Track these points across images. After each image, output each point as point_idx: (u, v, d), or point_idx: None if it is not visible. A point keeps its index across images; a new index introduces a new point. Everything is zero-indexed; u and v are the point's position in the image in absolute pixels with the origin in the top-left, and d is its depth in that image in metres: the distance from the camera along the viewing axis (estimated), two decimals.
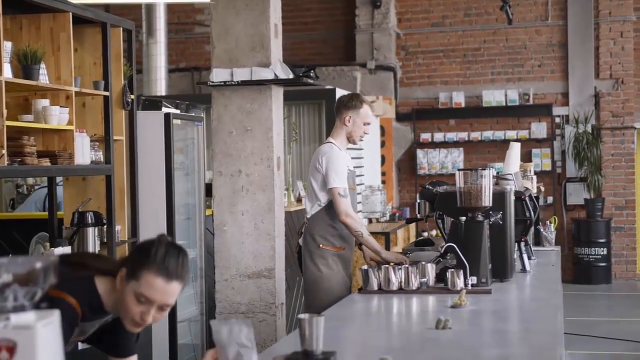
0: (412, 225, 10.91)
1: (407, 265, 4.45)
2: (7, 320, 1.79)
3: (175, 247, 2.78)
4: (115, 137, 5.92)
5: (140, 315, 2.73)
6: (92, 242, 5.59)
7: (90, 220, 5.59)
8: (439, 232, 5.40)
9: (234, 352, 2.52)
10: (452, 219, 4.65)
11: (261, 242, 5.81)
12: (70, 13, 5.36)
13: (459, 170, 4.59)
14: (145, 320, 2.74)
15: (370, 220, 10.49)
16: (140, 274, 2.70)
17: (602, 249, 12.63)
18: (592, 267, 12.64)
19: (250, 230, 5.80)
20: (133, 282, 2.71)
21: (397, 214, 11.04)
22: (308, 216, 5.49)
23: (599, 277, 12.64)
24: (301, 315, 2.82)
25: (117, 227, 5.93)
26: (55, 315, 1.81)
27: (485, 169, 4.56)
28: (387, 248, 8.87)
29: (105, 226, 5.77)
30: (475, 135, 13.23)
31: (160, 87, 11.02)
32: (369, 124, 5.48)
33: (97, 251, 5.63)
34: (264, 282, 5.80)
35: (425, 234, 9.92)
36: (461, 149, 13.31)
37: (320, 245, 5.38)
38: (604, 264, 12.67)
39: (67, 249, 5.37)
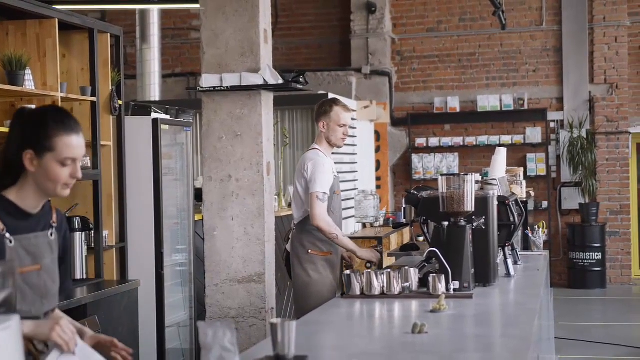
0: (407, 230, 10.91)
1: (389, 270, 4.46)
2: None
3: (60, 109, 2.96)
4: (103, 143, 5.94)
5: (70, 175, 2.88)
6: (79, 247, 5.59)
7: (77, 226, 5.60)
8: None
9: (217, 356, 2.54)
10: (435, 224, 4.66)
11: (251, 246, 5.81)
12: (57, 19, 5.38)
13: (441, 175, 4.60)
14: (76, 176, 2.89)
15: (364, 225, 10.49)
16: (53, 143, 2.83)
17: (596, 253, 12.62)
18: (587, 271, 12.63)
19: (240, 235, 5.81)
20: (49, 154, 2.83)
21: (391, 218, 11.04)
22: (295, 222, 5.52)
23: (594, 282, 12.63)
24: (273, 320, 2.85)
25: (105, 233, 5.94)
26: (14, 320, 1.82)
27: (467, 174, 4.56)
28: (380, 253, 8.88)
29: (92, 231, 5.78)
30: (470, 140, 13.24)
31: (154, 92, 11.04)
32: (344, 125, 5.50)
33: (84, 257, 5.64)
34: (254, 287, 5.80)
35: (421, 238, 9.91)
36: (456, 153, 13.31)
37: (309, 251, 5.41)
38: (598, 269, 12.66)
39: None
